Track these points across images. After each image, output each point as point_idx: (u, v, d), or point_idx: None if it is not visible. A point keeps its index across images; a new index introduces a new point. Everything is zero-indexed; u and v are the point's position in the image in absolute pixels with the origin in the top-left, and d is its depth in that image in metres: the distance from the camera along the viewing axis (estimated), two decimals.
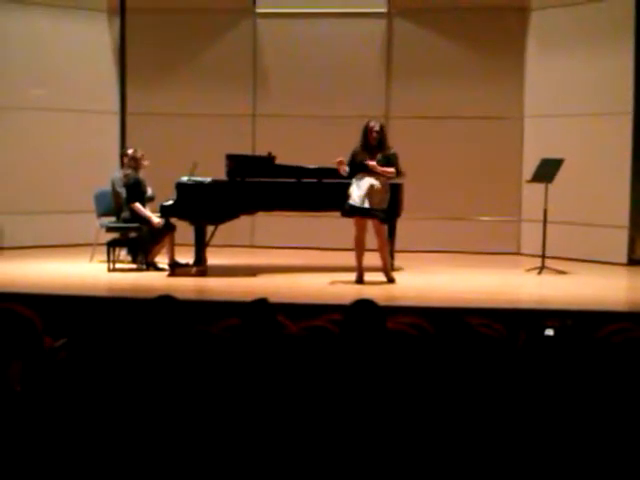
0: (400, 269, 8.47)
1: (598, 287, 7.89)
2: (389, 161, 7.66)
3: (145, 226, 8.46)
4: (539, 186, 8.63)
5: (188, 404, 3.00)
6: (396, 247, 8.59)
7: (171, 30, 10.71)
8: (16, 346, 3.33)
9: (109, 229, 8.92)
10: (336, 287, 7.62)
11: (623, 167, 9.36)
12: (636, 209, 9.40)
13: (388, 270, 7.86)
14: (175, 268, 8.34)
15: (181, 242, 8.59)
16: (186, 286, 7.66)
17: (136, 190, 8.62)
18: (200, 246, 8.29)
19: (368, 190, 7.57)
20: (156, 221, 8.43)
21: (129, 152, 8.92)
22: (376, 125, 7.71)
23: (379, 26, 10.62)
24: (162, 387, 3.11)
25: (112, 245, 8.48)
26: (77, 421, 2.88)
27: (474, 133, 10.34)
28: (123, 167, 9.08)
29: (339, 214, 7.80)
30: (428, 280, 8.18)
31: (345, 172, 7.64)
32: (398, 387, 3.11)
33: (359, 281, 7.74)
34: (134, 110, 10.79)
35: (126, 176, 8.74)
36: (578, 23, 9.74)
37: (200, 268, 8.25)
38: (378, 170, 7.56)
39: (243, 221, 8.77)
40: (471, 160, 10.35)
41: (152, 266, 8.46)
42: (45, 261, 9.00)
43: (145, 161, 8.74)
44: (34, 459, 2.74)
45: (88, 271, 8.49)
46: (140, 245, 8.54)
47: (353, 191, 7.62)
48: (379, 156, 7.63)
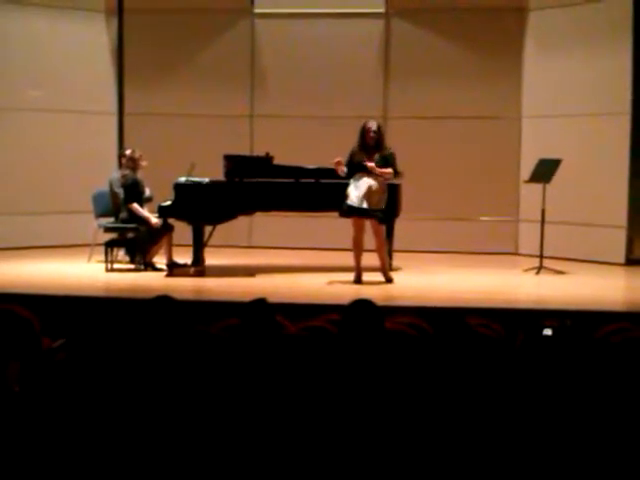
0: (398, 269, 8.47)
1: (596, 287, 7.89)
2: (387, 161, 7.66)
3: (143, 226, 8.46)
4: (537, 186, 8.64)
5: (187, 404, 3.00)
6: (394, 247, 8.60)
7: (169, 30, 10.71)
8: (14, 347, 3.33)
9: (107, 229, 8.91)
10: (334, 287, 7.62)
11: (621, 167, 9.36)
12: (634, 209, 9.41)
13: (386, 270, 7.86)
14: (173, 268, 8.34)
15: (179, 242, 8.58)
16: (184, 286, 7.66)
17: (134, 190, 8.62)
18: (198, 246, 8.29)
19: (366, 190, 7.57)
20: (154, 221, 8.43)
21: (127, 152, 8.92)
22: (373, 125, 7.71)
23: (377, 26, 10.62)
24: (161, 388, 3.11)
25: (110, 245, 8.47)
26: (75, 422, 2.88)
27: (472, 133, 10.35)
28: (121, 167, 9.07)
29: (337, 214, 7.80)
30: (426, 280, 8.18)
31: (343, 172, 7.64)
32: (397, 387, 3.11)
33: (357, 281, 7.74)
34: (132, 110, 10.79)
35: (124, 176, 8.73)
36: (576, 23, 9.74)
37: (198, 268, 8.24)
38: (377, 172, 7.56)
39: (241, 221, 8.77)
40: (469, 160, 10.35)
41: (150, 266, 8.46)
42: (43, 261, 9.00)
43: (143, 162, 8.74)
44: (33, 459, 2.74)
45: (86, 271, 8.48)
46: (138, 245, 8.53)
47: (351, 191, 7.62)
48: (377, 156, 7.63)
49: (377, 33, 10.62)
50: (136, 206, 8.56)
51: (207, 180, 8.34)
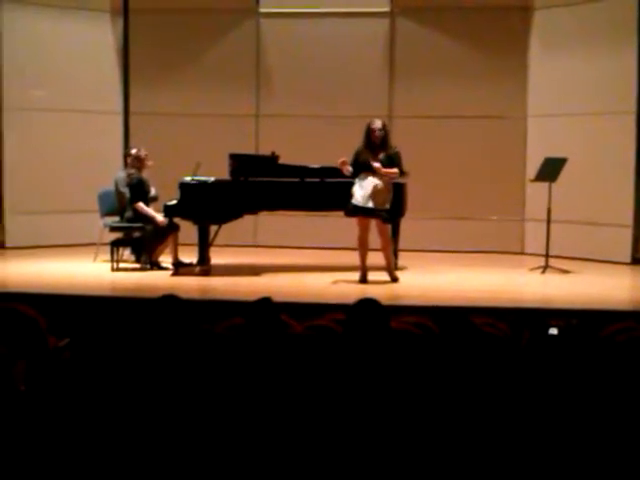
0: (404, 268, 8.46)
1: (602, 286, 7.88)
2: (392, 161, 7.66)
3: (149, 225, 8.46)
4: (543, 185, 8.63)
5: (192, 403, 3.00)
6: (400, 246, 8.59)
7: (174, 30, 10.72)
8: (20, 346, 3.34)
9: (113, 229, 8.93)
10: (339, 286, 7.62)
11: (627, 166, 9.35)
12: None
13: (392, 269, 7.86)
14: (179, 268, 8.35)
15: (184, 242, 8.60)
16: (190, 285, 7.67)
17: (139, 190, 8.63)
18: (203, 246, 8.29)
19: (371, 190, 7.56)
20: (160, 219, 8.43)
21: (132, 152, 8.93)
22: (379, 124, 7.70)
23: (382, 25, 10.61)
24: (166, 386, 3.11)
25: (116, 245, 8.49)
26: (81, 420, 2.88)
27: (477, 132, 10.34)
28: (126, 167, 9.09)
29: (342, 213, 7.80)
30: (432, 279, 8.18)
31: (349, 172, 7.63)
32: (402, 386, 3.11)
33: (363, 280, 7.74)
34: (137, 110, 10.80)
35: (129, 176, 8.74)
36: (582, 22, 9.72)
37: (204, 267, 8.25)
38: (383, 172, 7.55)
39: (246, 220, 8.77)
40: (474, 159, 10.34)
41: (156, 266, 8.47)
42: (49, 261, 9.01)
43: (149, 161, 8.75)
44: (38, 458, 2.74)
45: (92, 271, 8.49)
46: (144, 245, 8.54)
47: (356, 191, 7.62)
48: (382, 155, 7.63)
49: (382, 32, 10.62)
50: (142, 205, 8.56)
51: (212, 179, 8.35)
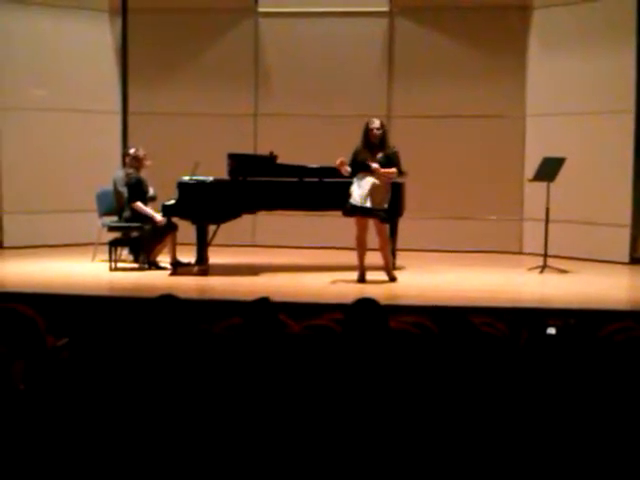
0: (402, 268, 8.47)
1: (600, 286, 7.88)
2: (390, 160, 7.66)
3: (147, 225, 8.46)
4: (541, 185, 8.63)
5: (190, 403, 3.00)
6: (398, 246, 8.60)
7: (173, 30, 10.71)
8: (19, 345, 3.34)
9: (111, 228, 8.92)
10: (338, 286, 7.62)
11: (625, 165, 9.35)
12: (638, 208, 9.40)
13: (390, 269, 7.86)
14: (177, 267, 8.35)
15: (183, 241, 8.60)
16: (188, 285, 7.66)
17: (138, 189, 8.63)
18: (202, 245, 8.29)
19: (369, 189, 7.57)
20: (159, 218, 8.43)
21: (131, 151, 8.92)
22: (377, 124, 7.71)
23: (381, 25, 10.61)
24: (164, 386, 3.11)
25: (114, 244, 8.48)
26: (80, 420, 2.88)
27: (476, 132, 10.34)
28: (125, 166, 9.08)
29: (340, 213, 7.81)
30: (430, 279, 8.18)
31: (347, 172, 7.64)
32: (401, 386, 3.11)
33: (361, 280, 7.75)
34: (136, 110, 10.79)
35: (128, 175, 8.74)
36: (580, 22, 9.72)
37: (202, 267, 8.25)
38: (381, 172, 7.55)
39: (245, 220, 8.77)
40: (473, 159, 10.34)
41: (154, 265, 8.47)
42: (47, 260, 9.01)
43: (147, 161, 8.74)
44: (37, 458, 2.74)
45: (90, 270, 8.49)
46: (142, 244, 8.54)
47: (354, 190, 7.63)
48: (380, 155, 7.63)
49: (381, 32, 10.61)
50: (140, 204, 8.56)
51: (211, 179, 8.35)
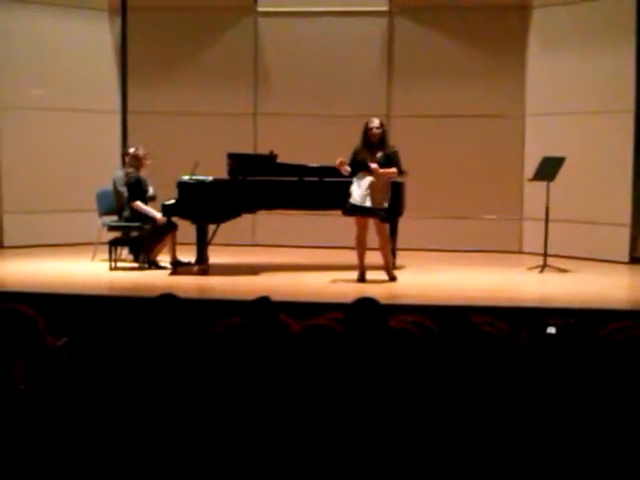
0: (402, 267, 8.47)
1: (600, 285, 7.88)
2: (390, 160, 7.65)
3: (147, 225, 8.46)
4: (541, 184, 8.63)
5: (190, 403, 3.00)
6: (398, 245, 8.60)
7: (172, 29, 10.71)
8: (19, 345, 3.34)
9: (111, 228, 8.92)
10: (338, 285, 7.62)
11: (625, 165, 9.35)
12: (638, 207, 9.40)
13: (390, 268, 7.86)
14: (177, 267, 8.35)
15: (183, 241, 8.59)
16: (188, 285, 7.66)
17: (137, 189, 8.63)
18: (202, 245, 8.29)
19: (369, 189, 7.56)
20: (159, 217, 8.43)
21: (130, 151, 8.92)
22: (376, 123, 7.71)
23: (380, 25, 10.61)
24: (164, 386, 3.11)
25: (114, 244, 8.48)
26: (80, 420, 2.88)
27: (475, 132, 10.34)
28: (125, 166, 9.08)
29: (340, 213, 7.81)
30: (430, 278, 8.18)
31: (347, 172, 7.64)
32: (401, 385, 3.11)
33: (361, 279, 7.75)
34: (135, 109, 10.79)
35: (127, 175, 8.74)
36: (580, 21, 9.72)
37: (202, 267, 8.25)
38: (380, 173, 7.55)
39: (244, 219, 8.77)
40: (472, 159, 10.34)
41: (154, 265, 8.47)
42: (47, 260, 9.00)
43: (147, 160, 8.74)
44: (37, 457, 2.74)
45: (90, 270, 8.49)
46: (142, 244, 8.54)
47: (354, 190, 7.62)
48: (380, 154, 7.63)
49: (380, 31, 10.61)
50: (140, 204, 8.56)
51: (211, 178, 8.34)
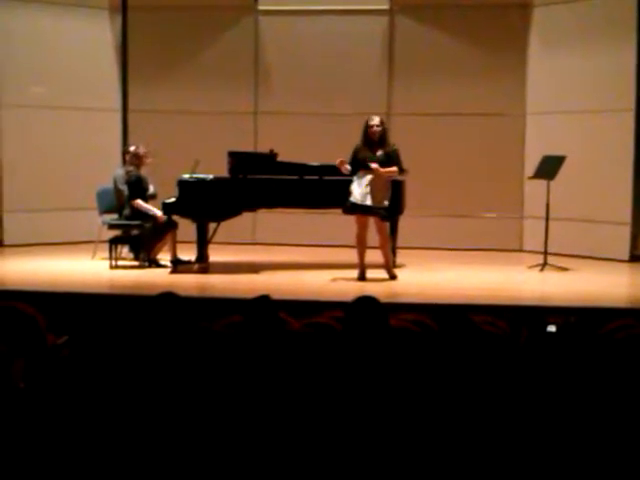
0: (402, 266, 8.47)
1: (600, 284, 7.88)
2: (390, 158, 7.65)
3: (147, 223, 8.46)
4: (541, 183, 8.63)
5: (190, 401, 3.00)
6: (398, 244, 8.60)
7: (173, 27, 10.71)
8: (19, 343, 3.34)
9: (111, 226, 8.92)
10: (338, 284, 7.62)
11: (625, 164, 9.35)
12: (638, 205, 9.40)
13: (390, 267, 7.86)
14: (177, 265, 8.35)
15: (183, 239, 8.59)
16: (188, 283, 7.67)
17: (138, 187, 8.62)
18: (202, 243, 8.30)
19: (370, 187, 7.56)
20: (160, 215, 8.43)
21: (131, 149, 8.92)
22: (376, 121, 7.71)
23: (381, 23, 10.61)
24: (164, 384, 3.11)
25: (114, 242, 8.48)
26: (80, 418, 2.88)
27: (476, 130, 10.33)
28: (125, 164, 9.08)
29: (341, 211, 7.81)
30: (430, 277, 8.18)
31: (347, 171, 7.63)
32: (401, 384, 3.11)
33: (361, 278, 7.75)
34: (136, 107, 10.79)
35: (128, 173, 8.74)
36: (581, 20, 9.72)
37: (202, 265, 8.25)
38: (380, 172, 7.55)
39: (245, 218, 8.77)
40: (473, 157, 10.34)
41: (154, 263, 8.47)
42: (47, 258, 9.01)
43: (148, 159, 8.73)
44: (37, 456, 2.74)
45: (90, 268, 8.49)
46: (142, 242, 8.54)
47: (354, 188, 7.62)
48: (380, 152, 7.63)
49: (381, 30, 10.61)
50: (140, 202, 8.56)
51: (211, 177, 8.35)
